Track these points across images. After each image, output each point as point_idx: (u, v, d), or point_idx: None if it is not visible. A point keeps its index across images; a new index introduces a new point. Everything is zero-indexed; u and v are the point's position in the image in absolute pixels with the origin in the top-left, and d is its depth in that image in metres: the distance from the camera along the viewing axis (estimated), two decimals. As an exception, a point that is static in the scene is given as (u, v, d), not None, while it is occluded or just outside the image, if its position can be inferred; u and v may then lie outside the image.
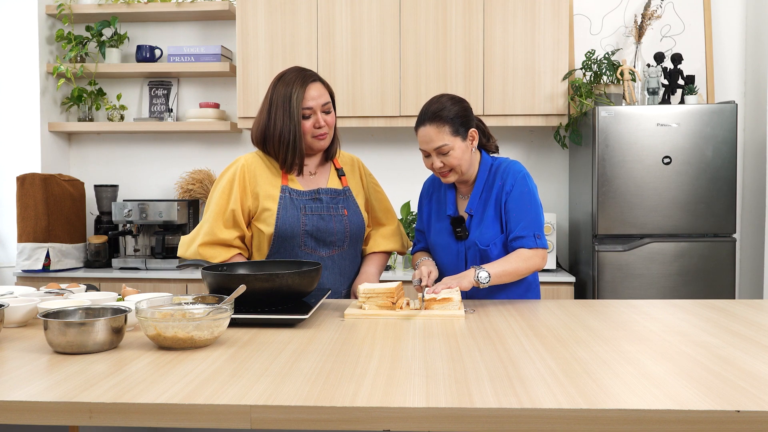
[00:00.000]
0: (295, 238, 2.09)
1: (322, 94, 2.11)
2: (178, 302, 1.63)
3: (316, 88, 2.11)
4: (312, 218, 2.11)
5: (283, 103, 2.08)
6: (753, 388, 1.18)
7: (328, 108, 2.13)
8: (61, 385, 1.21)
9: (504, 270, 1.99)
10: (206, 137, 3.98)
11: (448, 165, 2.06)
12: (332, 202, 2.15)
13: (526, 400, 1.12)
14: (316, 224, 2.11)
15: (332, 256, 2.15)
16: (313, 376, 1.26)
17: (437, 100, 2.08)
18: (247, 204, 2.10)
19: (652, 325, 1.71)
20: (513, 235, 2.07)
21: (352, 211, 2.19)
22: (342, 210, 2.16)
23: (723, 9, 3.71)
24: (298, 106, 2.07)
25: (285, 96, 2.08)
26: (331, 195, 2.16)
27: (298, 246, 2.10)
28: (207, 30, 3.96)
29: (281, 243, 2.10)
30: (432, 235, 2.22)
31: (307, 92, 2.08)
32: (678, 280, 3.20)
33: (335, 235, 2.14)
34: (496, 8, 3.46)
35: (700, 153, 3.17)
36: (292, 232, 2.08)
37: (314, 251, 2.12)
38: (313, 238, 2.11)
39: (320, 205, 2.13)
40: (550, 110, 3.46)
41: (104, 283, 3.44)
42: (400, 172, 3.86)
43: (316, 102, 2.09)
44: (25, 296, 1.86)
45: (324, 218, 2.12)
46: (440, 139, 2.03)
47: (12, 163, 3.74)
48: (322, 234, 2.12)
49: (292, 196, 2.11)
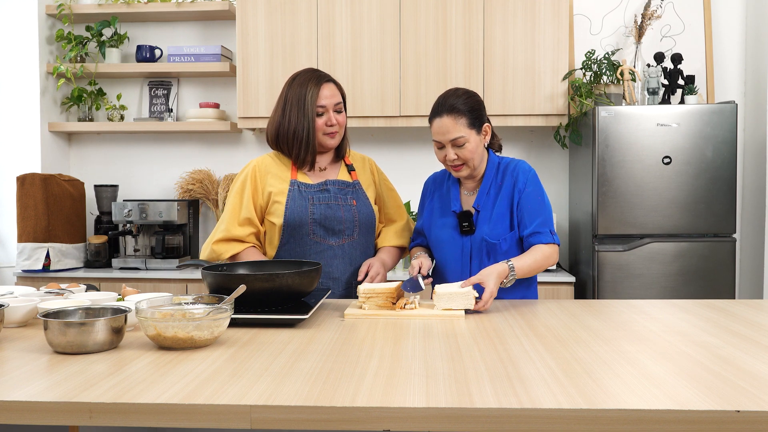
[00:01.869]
0: (303, 226, 2.15)
1: (334, 94, 2.20)
2: (178, 302, 1.63)
3: (330, 88, 2.20)
4: (320, 207, 2.17)
5: (298, 102, 2.16)
6: (753, 388, 1.18)
7: (339, 108, 2.22)
8: (61, 385, 1.21)
9: (529, 265, 2.01)
10: (206, 137, 3.98)
11: (461, 158, 2.08)
12: (340, 193, 2.22)
13: (526, 400, 1.12)
14: (324, 212, 2.17)
15: (342, 245, 2.20)
16: (313, 376, 1.26)
17: (453, 92, 2.11)
18: (259, 202, 2.18)
19: (652, 325, 1.71)
20: (529, 230, 2.09)
21: (362, 202, 2.25)
22: (351, 200, 2.22)
23: (723, 9, 3.71)
24: (313, 104, 2.16)
25: (300, 95, 2.16)
26: (339, 186, 2.23)
27: (307, 235, 2.16)
28: (207, 30, 3.96)
29: (291, 233, 2.16)
30: (435, 231, 2.23)
31: (321, 91, 2.17)
32: (678, 280, 3.20)
33: (344, 224, 2.19)
34: (496, 8, 3.46)
35: (700, 153, 3.17)
36: (301, 221, 2.15)
37: (323, 240, 2.18)
38: (322, 226, 2.17)
39: (328, 195, 2.20)
40: (550, 110, 3.46)
41: (104, 283, 3.44)
42: (400, 172, 3.85)
43: (329, 101, 2.18)
44: (25, 296, 1.86)
45: (332, 207, 2.18)
46: (457, 130, 2.05)
47: (12, 163, 3.74)
48: (330, 222, 2.17)
49: (301, 189, 2.18)
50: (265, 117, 3.55)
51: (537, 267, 2.04)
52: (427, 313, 1.83)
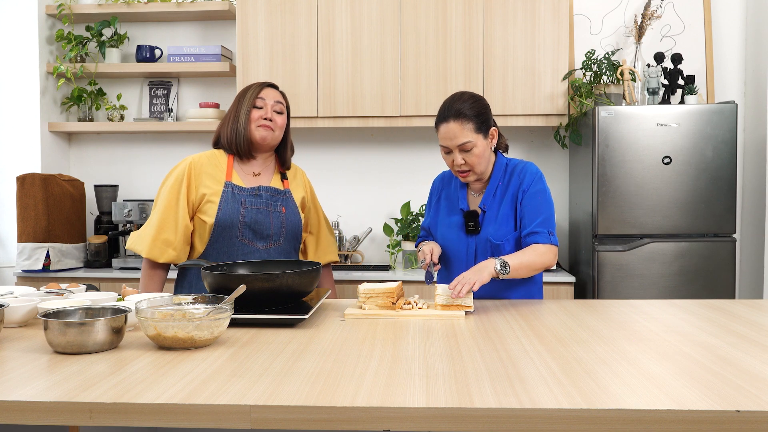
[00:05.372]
0: (233, 228, 2.21)
1: (276, 97, 2.31)
2: (178, 302, 1.63)
3: (272, 91, 2.32)
4: (251, 211, 2.24)
5: (239, 100, 2.30)
6: (753, 388, 1.18)
7: (280, 108, 2.30)
8: (61, 385, 1.21)
9: (521, 262, 2.00)
10: (206, 137, 3.98)
11: (469, 163, 2.09)
12: (272, 199, 2.29)
13: (526, 400, 1.12)
14: (255, 217, 2.24)
15: (268, 249, 2.27)
16: (313, 376, 1.26)
17: (459, 97, 2.11)
18: (191, 198, 2.24)
19: (652, 325, 1.71)
20: (528, 230, 2.09)
21: (290, 210, 2.32)
22: (280, 207, 2.30)
23: (723, 9, 3.71)
24: (251, 99, 2.28)
25: (242, 94, 2.31)
26: (271, 193, 2.30)
27: (236, 236, 2.22)
28: (207, 30, 3.96)
29: (221, 232, 2.22)
30: (442, 229, 2.24)
31: (261, 91, 2.30)
32: (678, 280, 3.20)
33: (272, 230, 2.26)
34: (496, 8, 3.46)
35: (700, 153, 3.17)
36: (231, 222, 2.21)
37: (251, 242, 2.24)
38: (251, 230, 2.23)
39: (260, 200, 2.27)
40: (550, 110, 3.46)
41: (104, 283, 3.44)
42: (400, 172, 3.86)
43: (269, 98, 2.29)
44: (25, 296, 1.86)
45: (262, 212, 2.25)
46: (464, 135, 2.06)
47: (12, 163, 3.74)
48: (260, 227, 2.24)
49: (234, 191, 2.24)
50: (265, 117, 3.56)
51: (529, 264, 2.02)
52: (427, 313, 1.83)
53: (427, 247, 2.15)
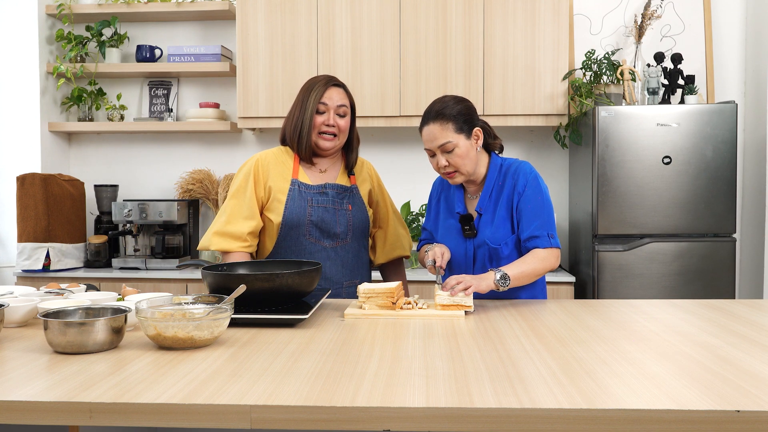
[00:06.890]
0: (300, 227, 2.20)
1: (341, 98, 2.25)
2: (178, 302, 1.63)
3: (337, 91, 2.25)
4: (318, 210, 2.22)
5: (303, 98, 2.23)
6: (753, 388, 1.18)
7: (343, 111, 2.25)
8: (61, 385, 1.21)
9: (522, 272, 1.99)
10: (206, 137, 3.98)
11: (453, 164, 2.07)
12: (338, 197, 2.27)
13: (526, 400, 1.12)
14: (321, 216, 2.22)
15: (335, 248, 2.25)
16: (313, 376, 1.26)
17: (440, 99, 2.11)
18: (260, 195, 2.23)
19: (652, 325, 1.71)
20: (527, 234, 2.07)
21: (357, 207, 2.30)
22: (347, 205, 2.27)
23: (723, 9, 3.71)
24: (315, 100, 2.21)
25: (306, 91, 2.24)
26: (337, 190, 2.27)
27: (303, 235, 2.21)
28: (207, 30, 3.96)
29: (288, 231, 2.20)
30: (441, 232, 2.24)
31: (326, 92, 2.23)
32: (678, 280, 3.20)
33: (338, 228, 2.24)
34: (496, 8, 3.46)
35: (700, 153, 3.17)
36: (299, 221, 2.20)
37: (318, 241, 2.22)
38: (318, 228, 2.22)
39: (326, 199, 2.24)
40: (550, 110, 3.46)
41: (104, 283, 3.44)
42: (400, 172, 3.86)
43: (332, 101, 2.23)
44: (25, 296, 1.86)
45: (329, 210, 2.23)
46: (444, 136, 2.05)
47: (12, 163, 3.74)
48: (327, 225, 2.22)
49: (301, 189, 2.22)
50: (264, 117, 3.57)
51: (531, 272, 2.01)
52: (427, 313, 1.83)
53: (438, 249, 2.12)
